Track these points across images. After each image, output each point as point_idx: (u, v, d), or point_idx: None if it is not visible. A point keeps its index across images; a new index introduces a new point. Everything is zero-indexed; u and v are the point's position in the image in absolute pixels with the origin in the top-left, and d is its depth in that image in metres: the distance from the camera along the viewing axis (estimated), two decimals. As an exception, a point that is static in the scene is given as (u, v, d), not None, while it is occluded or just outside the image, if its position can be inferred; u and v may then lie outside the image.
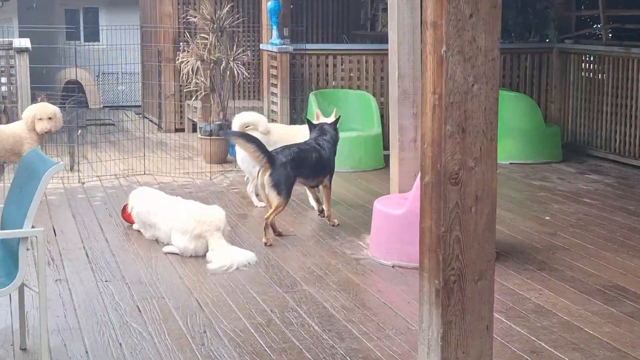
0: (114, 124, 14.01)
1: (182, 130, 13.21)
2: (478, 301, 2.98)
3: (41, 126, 8.11)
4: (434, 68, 2.89)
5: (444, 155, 2.89)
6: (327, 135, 7.41)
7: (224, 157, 10.53)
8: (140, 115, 15.05)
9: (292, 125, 9.23)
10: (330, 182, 7.46)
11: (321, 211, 7.51)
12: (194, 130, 12.79)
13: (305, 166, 7.15)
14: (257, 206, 8.00)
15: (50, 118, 8.15)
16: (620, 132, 9.89)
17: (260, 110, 11.81)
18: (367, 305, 5.48)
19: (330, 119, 7.56)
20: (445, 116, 2.86)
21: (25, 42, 9.44)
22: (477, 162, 2.92)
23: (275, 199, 6.88)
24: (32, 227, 4.17)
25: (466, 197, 2.93)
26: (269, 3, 9.80)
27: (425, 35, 2.94)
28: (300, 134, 8.06)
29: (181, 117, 13.42)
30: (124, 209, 7.33)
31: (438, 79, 2.88)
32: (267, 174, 6.88)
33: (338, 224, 7.38)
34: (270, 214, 6.87)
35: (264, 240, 6.79)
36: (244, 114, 8.35)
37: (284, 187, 6.92)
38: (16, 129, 8.22)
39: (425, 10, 2.93)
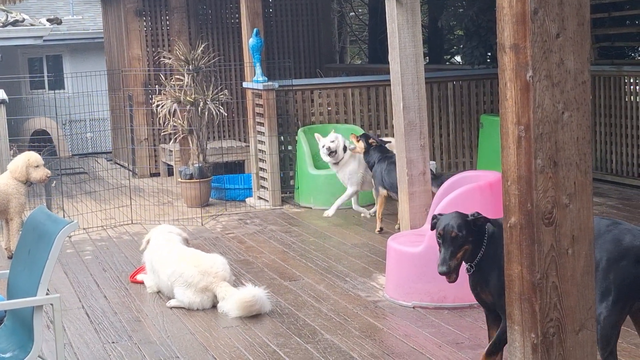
0: (86, 173, 13.59)
1: (158, 174, 12.83)
2: (580, 354, 2.66)
3: (41, 173, 7.75)
4: (517, 96, 2.60)
5: (535, 192, 2.58)
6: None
7: (206, 200, 10.18)
8: (112, 162, 14.64)
9: None
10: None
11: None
12: (170, 174, 12.43)
13: None
14: (369, 216, 8.79)
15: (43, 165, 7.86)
16: (616, 152, 9.71)
17: (245, 149, 11.52)
18: (396, 352, 5.14)
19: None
20: (535, 149, 2.56)
21: (1, 94, 9.01)
22: (572, 198, 2.63)
23: None
24: (47, 293, 3.79)
25: (562, 239, 2.63)
26: (251, 40, 9.49)
27: (502, 60, 2.65)
28: None
29: (156, 161, 13.04)
30: (134, 273, 6.93)
31: (523, 108, 2.58)
32: None
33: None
34: None
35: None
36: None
37: None
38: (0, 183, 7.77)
39: (501, 32, 2.64)
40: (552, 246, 2.61)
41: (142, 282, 6.73)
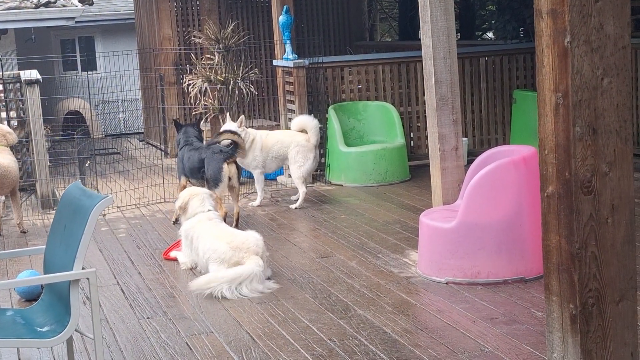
0: (119, 153, 13.68)
1: (189, 154, 12.83)
2: (620, 325, 2.62)
3: None
4: (555, 62, 2.55)
5: (573, 161, 2.54)
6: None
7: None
8: (144, 142, 14.71)
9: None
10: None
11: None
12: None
13: None
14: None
15: None
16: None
17: (276, 127, 11.50)
18: (430, 328, 5.13)
19: None
20: (574, 116, 2.51)
21: (35, 74, 9.07)
22: (612, 166, 2.58)
23: None
24: (83, 267, 3.81)
25: (601, 208, 2.58)
26: (281, 17, 9.46)
27: (539, 26, 2.60)
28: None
29: (187, 140, 13.05)
30: (168, 250, 6.99)
31: (561, 74, 2.54)
32: None
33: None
34: None
35: None
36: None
37: None
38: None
39: (538, -2, 2.58)
40: (592, 215, 2.57)
41: (175, 259, 6.77)
